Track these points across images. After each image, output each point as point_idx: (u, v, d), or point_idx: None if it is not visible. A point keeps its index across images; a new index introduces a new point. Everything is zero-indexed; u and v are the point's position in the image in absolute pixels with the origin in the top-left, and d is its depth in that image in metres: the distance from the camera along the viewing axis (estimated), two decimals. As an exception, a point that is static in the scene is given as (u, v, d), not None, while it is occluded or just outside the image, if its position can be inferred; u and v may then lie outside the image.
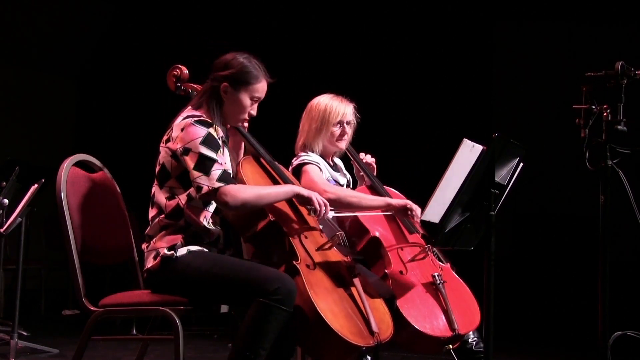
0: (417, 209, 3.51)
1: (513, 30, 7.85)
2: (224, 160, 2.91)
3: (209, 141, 2.87)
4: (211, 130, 2.90)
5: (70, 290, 7.34)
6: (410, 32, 7.86)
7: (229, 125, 3.15)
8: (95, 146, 7.38)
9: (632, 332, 3.42)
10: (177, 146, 2.89)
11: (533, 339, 6.56)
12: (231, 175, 2.91)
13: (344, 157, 3.91)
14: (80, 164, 3.14)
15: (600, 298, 2.94)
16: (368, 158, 3.88)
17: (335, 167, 3.79)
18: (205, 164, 2.84)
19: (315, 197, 3.00)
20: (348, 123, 3.70)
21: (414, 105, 7.77)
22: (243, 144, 3.28)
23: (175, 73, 3.25)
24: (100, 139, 8.51)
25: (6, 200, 4.72)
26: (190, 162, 2.85)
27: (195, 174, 2.84)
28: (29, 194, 4.63)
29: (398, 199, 3.61)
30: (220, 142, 2.92)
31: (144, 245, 2.99)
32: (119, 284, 4.23)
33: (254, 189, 2.95)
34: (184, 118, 2.94)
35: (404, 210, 3.52)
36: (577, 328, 6.14)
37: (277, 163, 3.24)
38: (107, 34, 8.88)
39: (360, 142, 3.89)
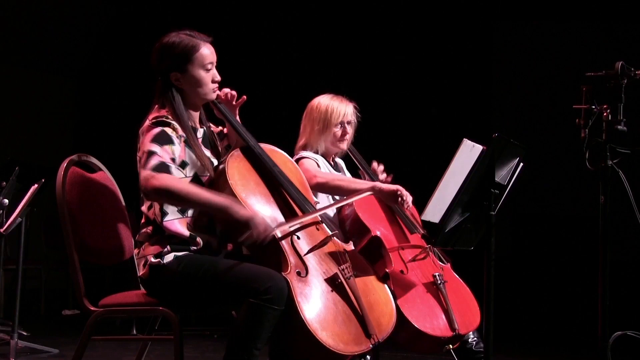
0: (407, 196, 3.45)
1: (513, 30, 7.85)
2: (168, 154, 2.78)
3: (158, 137, 2.79)
4: (167, 128, 2.82)
5: (70, 290, 7.34)
6: (410, 32, 7.86)
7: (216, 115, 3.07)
8: (95, 146, 7.39)
9: (632, 332, 3.42)
10: (140, 153, 2.82)
11: (533, 339, 6.56)
12: (171, 168, 2.76)
13: (345, 156, 3.90)
14: (80, 164, 3.14)
15: (600, 298, 2.94)
16: (380, 171, 3.84)
17: (336, 167, 3.80)
18: (146, 158, 2.75)
19: (253, 221, 2.73)
20: (349, 123, 3.70)
21: (414, 105, 7.78)
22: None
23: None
24: (100, 139, 8.51)
25: (6, 200, 4.72)
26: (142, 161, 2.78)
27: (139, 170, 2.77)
28: (29, 194, 4.62)
29: (388, 184, 3.55)
30: (175, 139, 2.82)
31: (135, 251, 2.98)
32: (119, 284, 4.23)
33: (187, 185, 2.79)
34: (148, 121, 2.87)
35: (394, 196, 3.44)
36: (577, 328, 6.15)
37: (264, 148, 3.06)
38: (107, 33, 8.88)
39: (360, 142, 3.89)
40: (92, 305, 2.93)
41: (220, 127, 3.19)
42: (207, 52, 2.92)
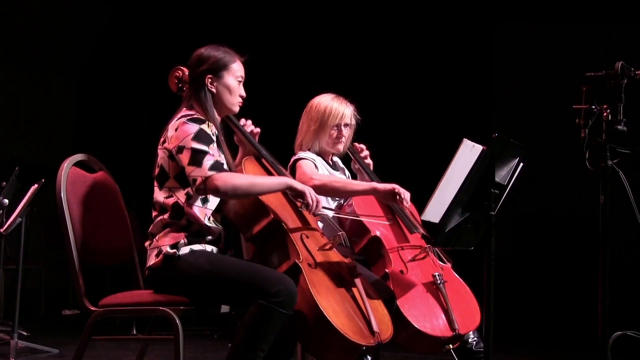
0: (405, 193, 3.44)
1: (513, 30, 7.85)
2: (216, 152, 2.92)
3: (200, 136, 2.90)
4: (203, 126, 2.93)
5: (70, 290, 7.34)
6: (411, 32, 7.86)
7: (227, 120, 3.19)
8: (95, 146, 7.39)
9: (632, 332, 3.42)
10: (172, 146, 2.92)
11: (533, 339, 6.56)
12: (224, 166, 2.92)
13: (346, 156, 3.90)
14: (80, 164, 3.14)
15: (600, 298, 2.94)
16: (362, 150, 3.85)
17: (334, 166, 3.79)
18: (197, 157, 2.87)
19: (308, 191, 2.98)
20: (347, 125, 3.68)
21: (414, 105, 7.78)
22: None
23: (178, 74, 3.24)
24: (100, 139, 8.51)
25: (6, 200, 4.72)
26: (184, 159, 2.88)
27: (189, 168, 2.87)
28: (29, 194, 4.62)
29: (385, 184, 3.51)
30: (213, 137, 2.95)
31: (146, 243, 3.00)
32: (119, 284, 4.23)
33: (247, 176, 2.99)
34: (178, 118, 2.97)
35: (392, 195, 3.43)
36: (577, 328, 6.15)
37: (277, 163, 3.24)
38: (107, 33, 8.88)
39: (361, 141, 3.88)
40: (92, 305, 2.93)
41: None
42: (240, 67, 3.13)
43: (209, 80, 3.05)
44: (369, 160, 3.85)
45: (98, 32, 8.87)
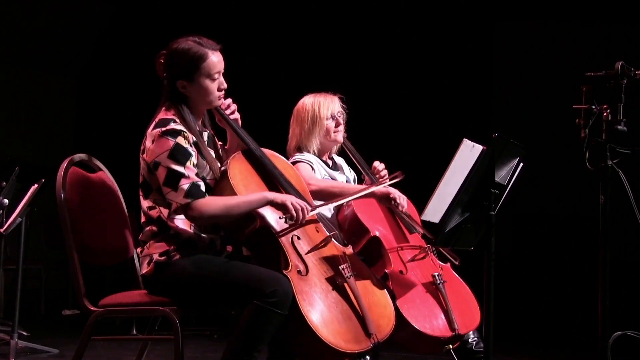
0: (400, 198, 3.48)
1: (513, 30, 7.86)
2: (192, 171, 2.82)
3: (176, 153, 2.80)
4: (179, 139, 2.82)
5: (70, 290, 7.33)
6: (411, 32, 7.86)
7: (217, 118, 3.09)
8: (95, 146, 7.39)
9: (632, 332, 3.42)
10: (149, 160, 2.85)
11: (533, 339, 6.56)
12: (202, 187, 2.83)
13: (346, 156, 3.90)
14: (80, 164, 3.14)
15: (600, 298, 2.94)
16: (379, 166, 3.85)
17: (334, 166, 3.78)
18: (173, 180, 2.78)
19: (290, 202, 2.85)
20: (339, 113, 3.70)
21: (414, 105, 7.78)
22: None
23: (162, 61, 3.19)
24: (100, 139, 8.51)
25: (6, 200, 4.72)
26: (160, 177, 2.81)
27: (165, 189, 2.81)
28: (29, 194, 4.62)
29: (380, 187, 3.53)
30: (190, 148, 2.84)
31: (138, 250, 2.98)
32: (119, 284, 4.23)
33: (223, 201, 2.84)
34: (156, 124, 2.88)
35: (387, 199, 3.49)
36: (577, 328, 6.15)
37: (265, 152, 3.10)
38: (107, 33, 8.88)
39: (361, 142, 3.89)
40: (92, 305, 2.93)
41: (221, 143, 3.19)
42: (214, 60, 2.93)
43: (181, 85, 2.92)
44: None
45: (98, 32, 8.87)
